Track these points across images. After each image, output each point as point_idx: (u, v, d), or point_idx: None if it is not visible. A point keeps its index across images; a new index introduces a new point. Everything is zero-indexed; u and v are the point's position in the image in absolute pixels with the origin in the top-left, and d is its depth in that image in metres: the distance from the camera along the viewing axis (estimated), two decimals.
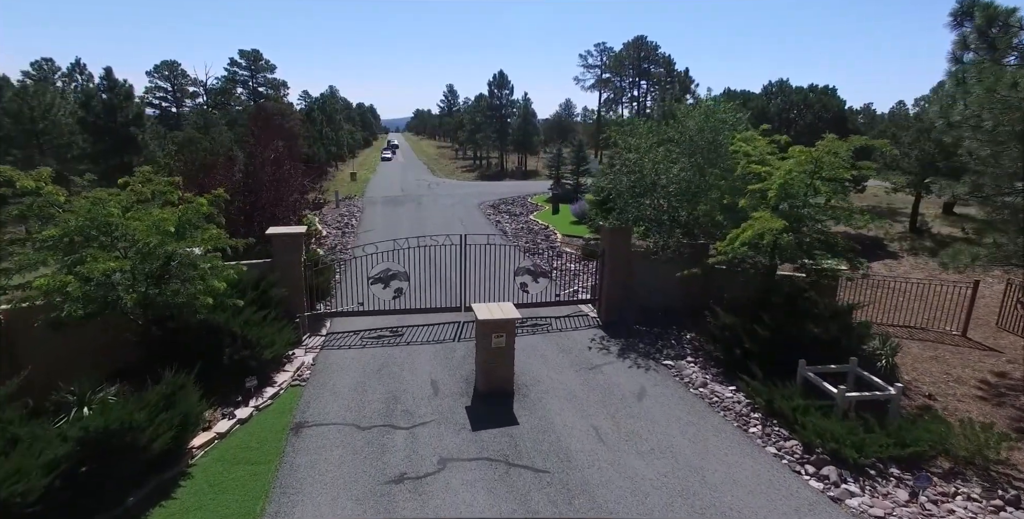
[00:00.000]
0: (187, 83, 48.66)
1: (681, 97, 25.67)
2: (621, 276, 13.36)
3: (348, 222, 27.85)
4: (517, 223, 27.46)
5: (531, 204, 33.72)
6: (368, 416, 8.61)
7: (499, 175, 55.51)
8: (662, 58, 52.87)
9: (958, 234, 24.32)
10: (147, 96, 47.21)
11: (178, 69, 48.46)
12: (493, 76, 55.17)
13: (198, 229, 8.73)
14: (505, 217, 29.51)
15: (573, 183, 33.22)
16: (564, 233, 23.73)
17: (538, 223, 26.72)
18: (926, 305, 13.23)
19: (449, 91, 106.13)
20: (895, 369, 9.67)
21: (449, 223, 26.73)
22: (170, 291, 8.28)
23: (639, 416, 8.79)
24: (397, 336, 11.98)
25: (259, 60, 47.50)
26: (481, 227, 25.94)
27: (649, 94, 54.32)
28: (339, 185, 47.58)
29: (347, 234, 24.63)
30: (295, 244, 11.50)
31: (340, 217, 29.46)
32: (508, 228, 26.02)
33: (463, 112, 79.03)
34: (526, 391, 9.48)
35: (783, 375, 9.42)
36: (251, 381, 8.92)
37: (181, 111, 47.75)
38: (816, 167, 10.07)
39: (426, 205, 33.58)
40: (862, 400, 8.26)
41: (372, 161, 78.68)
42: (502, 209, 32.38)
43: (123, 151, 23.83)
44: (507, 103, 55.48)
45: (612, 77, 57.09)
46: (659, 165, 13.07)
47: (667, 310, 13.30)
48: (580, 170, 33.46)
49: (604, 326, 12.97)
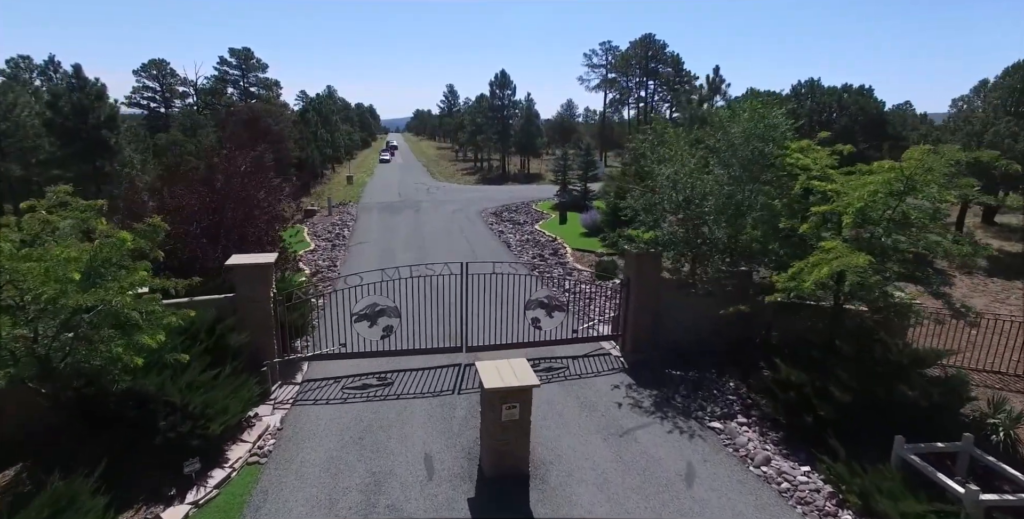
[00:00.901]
0: (176, 83, 46.65)
1: (710, 99, 23.56)
2: (649, 309, 11.40)
3: (340, 232, 25.83)
4: (522, 234, 25.46)
5: (536, 212, 31.72)
6: (341, 513, 6.63)
7: (501, 178, 53.52)
8: (670, 57, 50.83)
9: (1012, 247, 22.32)
10: (134, 96, 45.30)
11: (167, 68, 46.45)
12: (495, 76, 53.25)
13: (123, 269, 6.73)
14: (508, 227, 27.51)
15: (580, 189, 31.23)
16: (574, 247, 21.72)
17: (545, 234, 24.70)
18: (1013, 343, 11.18)
19: (449, 91, 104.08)
20: (1017, 445, 7.65)
21: (449, 234, 24.76)
22: (80, 354, 6.30)
23: (693, 513, 6.79)
24: (385, 385, 9.99)
25: (250, 59, 45.24)
26: (483, 239, 23.94)
27: (656, 94, 52.40)
28: (334, 189, 45.62)
29: (337, 247, 22.62)
30: (262, 276, 9.50)
31: (332, 227, 27.45)
32: (513, 240, 24.02)
33: (463, 113, 77.02)
34: (545, 472, 7.48)
35: (867, 447, 7.47)
36: (191, 465, 6.92)
37: (171, 112, 45.73)
38: (906, 187, 8.06)
39: (425, 212, 31.59)
40: (1001, 506, 6.21)
41: (370, 163, 76.68)
42: (505, 217, 30.39)
43: (94, 155, 21.80)
44: (509, 104, 53.49)
45: (618, 77, 55.06)
46: (695, 178, 11.07)
47: (702, 349, 11.32)
48: (588, 176, 31.45)
49: (630, 369, 10.99)
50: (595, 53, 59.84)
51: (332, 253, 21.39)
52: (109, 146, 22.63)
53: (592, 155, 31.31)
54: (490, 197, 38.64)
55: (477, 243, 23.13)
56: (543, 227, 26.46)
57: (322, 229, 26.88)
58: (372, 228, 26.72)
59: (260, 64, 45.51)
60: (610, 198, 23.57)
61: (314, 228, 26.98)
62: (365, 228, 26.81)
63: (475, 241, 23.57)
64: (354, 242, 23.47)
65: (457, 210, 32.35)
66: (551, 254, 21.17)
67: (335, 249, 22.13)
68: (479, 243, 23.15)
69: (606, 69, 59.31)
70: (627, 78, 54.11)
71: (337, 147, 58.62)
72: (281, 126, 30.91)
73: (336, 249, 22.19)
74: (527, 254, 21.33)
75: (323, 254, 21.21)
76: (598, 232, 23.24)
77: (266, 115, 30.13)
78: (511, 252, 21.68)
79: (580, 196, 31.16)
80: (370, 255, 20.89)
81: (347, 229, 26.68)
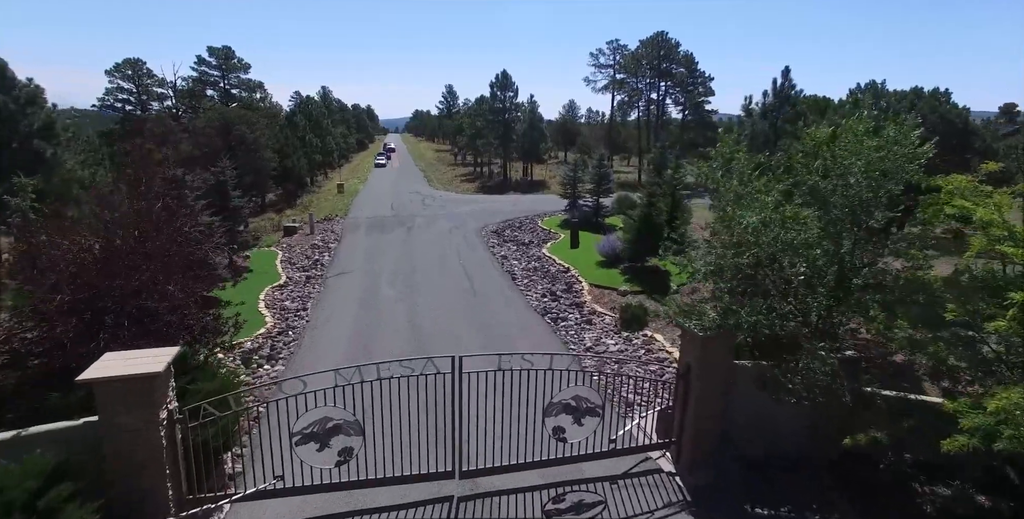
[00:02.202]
0: (153, 84, 43.21)
1: (779, 109, 19.96)
2: (715, 411, 8.17)
3: (319, 258, 22.51)
4: (528, 259, 22.17)
5: (542, 230, 28.39)
6: None
7: (502, 186, 50.19)
8: (683, 57, 47.44)
9: None
10: (107, 98, 41.92)
11: (143, 68, 43.03)
12: (496, 76, 49.85)
13: None
14: (512, 249, 24.21)
15: (593, 204, 27.89)
16: (591, 281, 18.41)
17: (554, 261, 21.39)
18: None
19: (448, 92, 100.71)
20: None
21: (444, 262, 21.43)
22: None
23: None
24: None
25: (230, 58, 41.47)
26: (483, 268, 20.62)
27: (668, 96, 49.04)
28: (324, 199, 42.34)
29: (313, 280, 19.29)
30: (143, 392, 6.18)
31: (311, 250, 24.12)
32: (518, 268, 20.72)
33: (463, 115, 73.72)
34: None
35: None
36: None
37: (149, 115, 42.35)
38: None
39: (418, 231, 28.26)
40: None
41: (365, 167, 73.39)
42: (508, 236, 27.06)
43: (26, 170, 18.42)
44: (511, 106, 50.17)
45: (628, 78, 51.70)
46: (787, 229, 7.75)
47: (791, 461, 8.09)
48: (602, 189, 28.10)
49: (694, 497, 7.73)
50: (602, 53, 56.55)
51: (305, 289, 18.07)
52: (44, 159, 19.29)
53: (605, 166, 28.02)
54: (491, 210, 35.34)
55: (476, 273, 19.83)
56: (552, 251, 23.14)
57: (299, 253, 23.56)
58: (356, 253, 23.39)
59: (242, 64, 41.91)
60: (631, 218, 20.28)
61: (290, 252, 23.67)
62: (348, 253, 23.49)
63: (474, 270, 20.27)
64: (333, 273, 20.15)
65: (454, 228, 29.04)
66: (564, 290, 17.87)
67: (309, 283, 18.80)
68: (478, 273, 19.86)
69: (614, 70, 56.01)
70: (637, 79, 50.74)
71: (328, 152, 55.32)
72: (258, 133, 27.60)
73: (311, 283, 18.87)
74: (536, 289, 18.03)
75: (294, 290, 17.88)
76: (617, 261, 19.93)
77: (239, 121, 26.83)
78: (517, 286, 18.39)
79: (592, 212, 27.84)
80: (349, 292, 17.58)
81: (328, 253, 23.36)
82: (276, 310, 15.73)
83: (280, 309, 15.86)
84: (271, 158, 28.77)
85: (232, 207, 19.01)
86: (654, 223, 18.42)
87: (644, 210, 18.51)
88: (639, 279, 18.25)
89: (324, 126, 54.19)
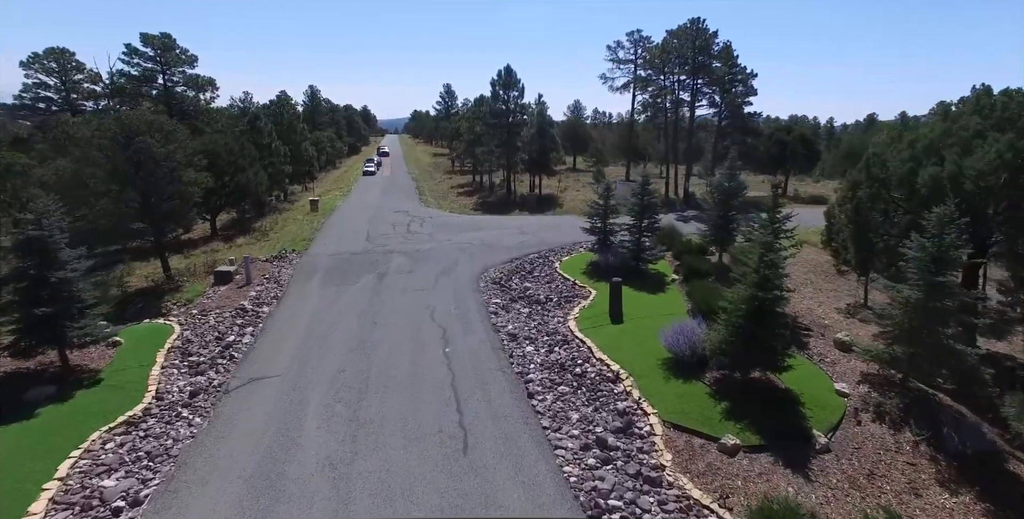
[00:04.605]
0: (87, 80, 35.57)
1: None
2: None
3: (235, 340, 14.92)
4: (547, 342, 14.66)
5: (562, 278, 20.75)
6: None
7: (506, 203, 42.54)
8: (722, 49, 39.65)
9: None
10: (24, 95, 34.38)
11: (70, 60, 35.41)
12: (498, 73, 42.07)
13: None
14: (522, 316, 16.66)
15: (633, 243, 20.15)
16: (665, 416, 10.83)
17: (591, 354, 13.81)
18: None
19: (446, 91, 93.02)
20: None
21: (421, 351, 13.72)
22: None
23: None
24: None
25: (171, 49, 33.53)
26: (482, 370, 13.00)
27: (703, 95, 41.27)
28: (290, 221, 34.77)
29: (199, 401, 11.69)
30: None
31: (229, 320, 16.51)
32: (534, 368, 13.20)
33: (461, 117, 66.08)
34: None
35: None
36: None
37: (81, 116, 34.68)
38: None
39: (392, 280, 20.67)
40: None
41: (352, 176, 65.76)
42: (516, 290, 19.47)
43: None
44: (516, 107, 42.58)
45: (653, 74, 43.98)
46: None
47: None
48: (648, 225, 20.12)
49: None
50: (621, 46, 48.67)
51: (173, 430, 10.47)
52: None
53: (651, 192, 20.13)
54: (492, 240, 27.75)
55: (470, 381, 12.28)
56: (583, 327, 15.55)
57: (209, 327, 15.99)
58: (294, 330, 15.79)
59: (187, 56, 33.68)
60: (724, 300, 12.79)
61: (195, 327, 16.07)
62: (282, 329, 15.88)
63: (467, 374, 12.72)
64: (240, 380, 12.55)
65: (443, 274, 21.45)
66: (619, 431, 10.36)
67: (191, 409, 11.20)
68: (473, 382, 12.30)
69: (634, 65, 48.35)
70: (663, 75, 43.04)
71: (305, 161, 47.71)
72: (174, 147, 20.05)
73: (193, 408, 11.28)
74: (569, 426, 10.55)
75: (150, 435, 10.29)
76: (699, 364, 12.33)
77: (148, 129, 19.30)
78: (537, 416, 10.87)
79: (632, 253, 20.17)
80: (247, 441, 10.01)
81: (252, 328, 15.78)
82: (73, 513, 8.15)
83: (84, 502, 8.28)
84: (199, 178, 21.24)
85: (59, 280, 11.48)
86: (769, 304, 10.85)
87: (757, 278, 10.94)
88: (748, 409, 10.71)
89: (299, 131, 46.56)
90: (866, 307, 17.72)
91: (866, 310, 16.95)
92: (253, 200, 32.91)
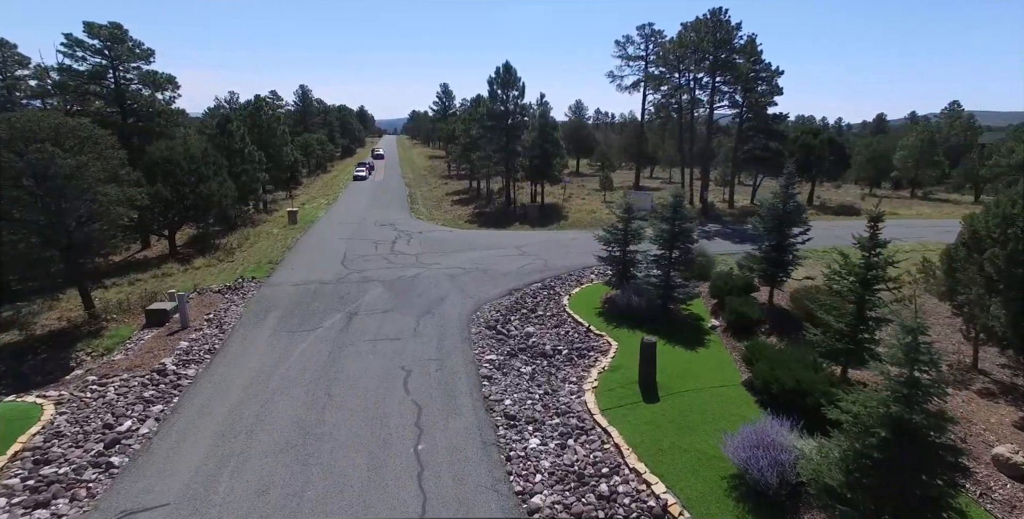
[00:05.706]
0: (31, 76, 31.50)
1: None
2: None
3: (130, 430, 10.90)
4: (562, 432, 10.68)
5: (573, 321, 16.75)
6: None
7: (505, 214, 38.52)
8: (746, 43, 35.51)
9: None
10: None
11: (11, 53, 31.31)
12: (496, 70, 38.09)
13: None
14: (523, 383, 12.67)
15: (661, 279, 16.05)
16: None
17: (625, 468, 9.81)
18: None
19: (443, 91, 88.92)
20: None
21: (383, 425, 9.58)
22: None
23: None
24: None
25: (121, 41, 29.13)
26: (467, 471, 8.92)
27: (723, 95, 37.09)
28: (261, 237, 30.75)
29: None
30: None
31: (134, 391, 12.48)
32: (544, 499, 9.19)
33: (457, 119, 62.07)
34: None
35: None
36: None
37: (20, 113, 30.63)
38: None
39: (363, 325, 16.67)
40: None
41: (342, 181, 61.78)
42: (514, 336, 15.49)
43: None
44: (516, 108, 38.57)
45: (666, 72, 39.93)
46: None
47: None
48: (680, 257, 16.07)
49: None
50: (631, 41, 44.68)
51: None
52: None
53: (686, 216, 16.06)
54: (489, 265, 23.77)
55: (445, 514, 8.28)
56: (610, 413, 11.46)
57: (101, 406, 11.94)
58: (221, 404, 11.78)
59: (141, 50, 29.17)
60: (876, 402, 8.78)
61: (80, 402, 12.02)
62: (205, 403, 11.86)
63: (443, 498, 8.72)
64: (105, 514, 8.52)
65: (426, 313, 17.47)
66: None
67: None
68: (454, 514, 8.30)
69: (645, 62, 44.33)
70: (679, 73, 38.96)
71: (286, 168, 43.75)
72: (88, 157, 16.08)
73: None
74: None
75: None
76: (793, 493, 8.29)
77: (56, 135, 15.34)
78: None
79: (658, 291, 16.17)
80: None
81: (158, 409, 11.75)
82: None
83: None
84: (132, 194, 17.28)
85: None
86: (924, 428, 6.85)
87: (899, 385, 6.89)
88: None
89: (279, 133, 42.57)
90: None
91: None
92: (218, 213, 28.90)
